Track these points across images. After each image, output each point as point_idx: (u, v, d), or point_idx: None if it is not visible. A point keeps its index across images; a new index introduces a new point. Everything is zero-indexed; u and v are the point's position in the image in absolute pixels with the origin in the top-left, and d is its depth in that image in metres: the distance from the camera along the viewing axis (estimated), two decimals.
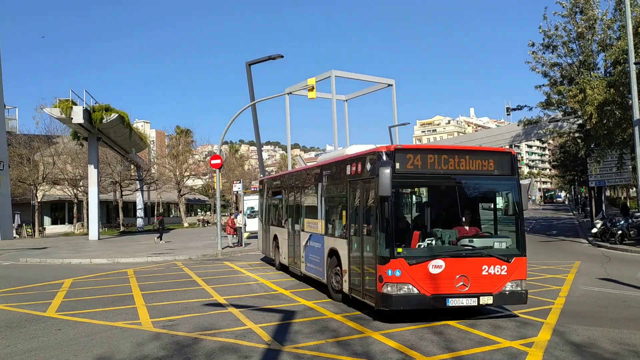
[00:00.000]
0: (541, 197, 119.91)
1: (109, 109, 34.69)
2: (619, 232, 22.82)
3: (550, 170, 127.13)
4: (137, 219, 55.08)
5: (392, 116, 45.38)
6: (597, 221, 25.67)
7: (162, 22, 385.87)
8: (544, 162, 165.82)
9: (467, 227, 9.29)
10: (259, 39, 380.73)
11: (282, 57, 26.71)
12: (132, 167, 53.08)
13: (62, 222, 55.56)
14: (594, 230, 25.04)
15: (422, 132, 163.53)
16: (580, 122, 28.50)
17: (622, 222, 23.61)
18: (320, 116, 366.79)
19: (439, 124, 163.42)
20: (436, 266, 8.47)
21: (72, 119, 32.09)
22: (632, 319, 9.16)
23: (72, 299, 11.84)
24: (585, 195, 55.48)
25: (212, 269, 17.17)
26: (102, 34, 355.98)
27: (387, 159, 8.54)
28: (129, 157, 48.34)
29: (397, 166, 8.56)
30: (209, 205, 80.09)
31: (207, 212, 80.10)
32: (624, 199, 66.79)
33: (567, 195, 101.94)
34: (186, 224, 62.58)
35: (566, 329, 8.27)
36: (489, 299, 8.68)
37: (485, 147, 11.23)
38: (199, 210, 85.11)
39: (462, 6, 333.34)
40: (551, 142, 67.54)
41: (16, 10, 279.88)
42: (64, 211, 56.25)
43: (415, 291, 8.41)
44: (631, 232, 22.91)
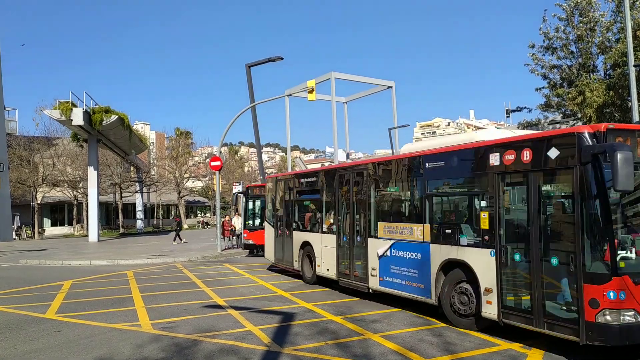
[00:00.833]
0: None
1: (108, 110, 34.70)
2: None
3: None
4: (137, 221, 55.08)
5: (392, 118, 45.36)
6: None
7: (162, 24, 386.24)
8: None
9: None
10: (259, 41, 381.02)
11: (282, 59, 26.80)
12: (132, 168, 53.10)
13: (62, 224, 55.56)
14: None
15: (422, 134, 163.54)
16: (579, 124, 28.52)
17: None
18: (320, 118, 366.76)
19: (438, 126, 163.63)
20: None
21: (72, 120, 32.10)
22: None
23: (72, 300, 11.84)
24: None
25: (212, 271, 17.17)
26: (103, 36, 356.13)
27: (619, 143, 6.46)
28: (129, 159, 48.36)
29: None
30: (208, 207, 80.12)
31: (207, 214, 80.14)
32: None
33: None
34: (186, 226, 62.59)
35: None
36: None
37: None
38: (198, 212, 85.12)
39: (462, 8, 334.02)
40: None
41: (16, 11, 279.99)
42: (64, 213, 56.25)
43: None
44: None
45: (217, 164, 24.42)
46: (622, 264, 6.47)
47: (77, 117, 31.97)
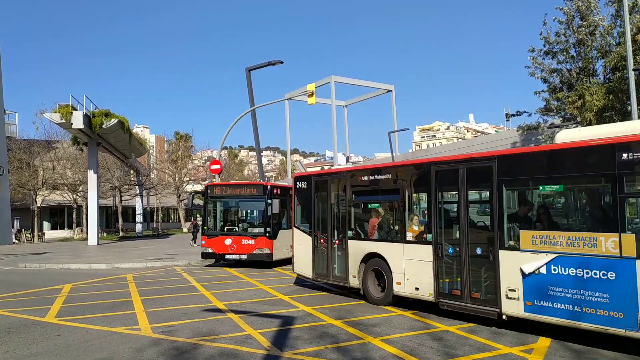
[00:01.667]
0: None
1: (108, 114, 34.73)
2: None
3: None
4: (137, 224, 55.04)
5: (391, 122, 45.47)
6: None
7: (162, 27, 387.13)
8: None
9: None
10: (260, 42, 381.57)
11: (282, 62, 26.83)
12: (132, 172, 53.10)
13: (62, 227, 55.56)
14: None
15: (422, 137, 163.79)
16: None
17: None
18: (319, 122, 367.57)
19: (438, 130, 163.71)
20: None
21: (72, 124, 32.12)
22: None
23: (72, 304, 11.82)
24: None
25: (212, 275, 17.15)
26: (103, 40, 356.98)
27: None
28: (129, 162, 48.36)
29: None
30: None
31: None
32: None
33: None
34: (185, 229, 62.53)
35: (566, 336, 8.26)
36: None
37: None
38: (198, 215, 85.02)
39: (462, 11, 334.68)
40: None
41: (16, 15, 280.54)
42: (64, 216, 56.25)
43: None
44: None
45: (217, 167, 24.43)
46: None
47: (77, 121, 31.99)
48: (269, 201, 18.37)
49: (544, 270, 8.11)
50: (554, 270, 7.98)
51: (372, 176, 11.67)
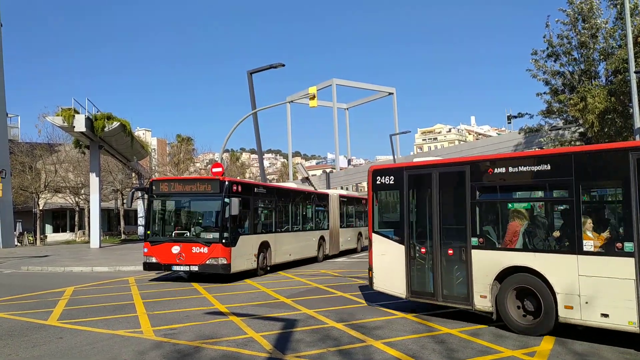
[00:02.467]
0: None
1: (110, 117, 34.81)
2: None
3: None
4: (139, 227, 55.06)
5: (393, 124, 45.49)
6: None
7: (164, 31, 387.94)
8: None
9: None
10: (260, 48, 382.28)
11: (284, 65, 26.87)
12: (134, 175, 53.16)
13: (64, 230, 55.59)
14: None
15: (423, 140, 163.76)
16: (581, 130, 28.50)
17: None
18: (321, 124, 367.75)
19: (439, 132, 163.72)
20: None
21: (74, 127, 32.21)
22: None
23: (74, 307, 11.83)
24: None
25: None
26: (105, 42, 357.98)
27: None
28: (131, 165, 48.43)
29: None
30: None
31: None
32: None
33: None
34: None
35: (568, 338, 8.24)
36: None
37: None
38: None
39: (463, 14, 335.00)
40: None
41: (18, 17, 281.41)
42: (66, 219, 56.29)
43: None
44: None
45: (219, 170, 24.41)
46: None
47: (80, 124, 32.07)
48: (227, 200, 15.34)
49: None
50: None
51: (515, 167, 9.07)
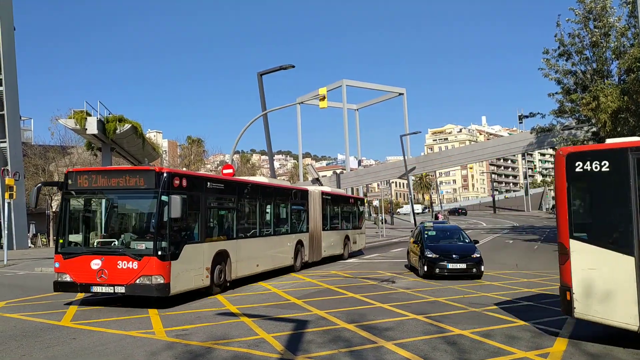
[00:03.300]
0: (554, 205, 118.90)
1: (122, 119, 35.08)
2: None
3: None
4: None
5: (403, 125, 45.38)
6: None
7: (174, 34, 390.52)
8: None
9: None
10: (270, 49, 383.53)
11: (294, 67, 26.91)
12: None
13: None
14: None
15: (434, 140, 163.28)
16: (594, 129, 28.28)
17: None
18: (331, 125, 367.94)
19: (450, 133, 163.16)
20: None
21: (86, 129, 32.53)
22: None
23: (87, 308, 11.93)
24: None
25: None
26: (116, 46, 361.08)
27: None
28: None
29: None
30: None
31: None
32: None
33: None
34: None
35: (582, 339, 8.17)
36: None
37: None
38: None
39: (473, 14, 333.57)
40: None
41: (30, 21, 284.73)
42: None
43: None
44: None
45: (229, 171, 24.49)
46: None
47: (92, 126, 32.37)
48: (165, 198, 11.40)
49: None
50: None
51: None
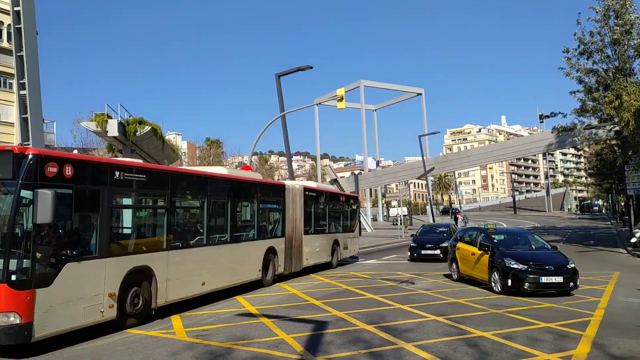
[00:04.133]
0: (577, 206, 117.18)
1: (142, 121, 35.51)
2: None
3: (586, 178, 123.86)
4: None
5: (421, 125, 45.10)
6: (636, 230, 24.96)
7: (193, 38, 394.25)
8: (579, 170, 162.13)
9: None
10: (288, 51, 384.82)
11: (311, 68, 26.89)
12: None
13: None
14: (633, 240, 24.35)
15: (453, 140, 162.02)
16: (617, 129, 27.80)
17: None
18: (349, 126, 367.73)
19: (469, 133, 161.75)
20: None
21: (107, 132, 33.05)
22: None
23: None
24: (623, 203, 54.07)
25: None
26: (136, 49, 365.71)
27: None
28: None
29: None
30: None
31: None
32: None
33: (604, 204, 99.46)
34: None
35: (606, 342, 8.04)
36: None
37: None
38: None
39: (493, 12, 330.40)
40: (587, 149, 66.13)
41: (53, 24, 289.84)
42: None
43: None
44: None
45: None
46: None
47: (112, 129, 32.86)
48: (26, 193, 7.49)
49: None
50: None
51: None
